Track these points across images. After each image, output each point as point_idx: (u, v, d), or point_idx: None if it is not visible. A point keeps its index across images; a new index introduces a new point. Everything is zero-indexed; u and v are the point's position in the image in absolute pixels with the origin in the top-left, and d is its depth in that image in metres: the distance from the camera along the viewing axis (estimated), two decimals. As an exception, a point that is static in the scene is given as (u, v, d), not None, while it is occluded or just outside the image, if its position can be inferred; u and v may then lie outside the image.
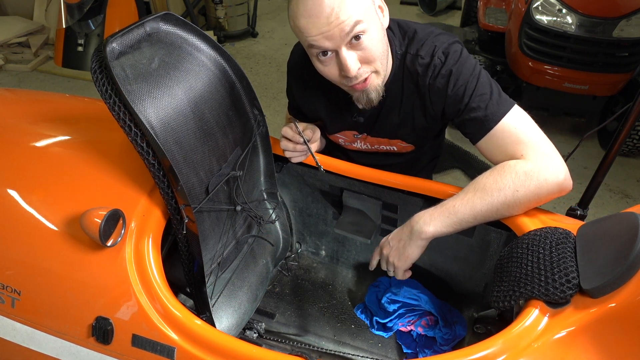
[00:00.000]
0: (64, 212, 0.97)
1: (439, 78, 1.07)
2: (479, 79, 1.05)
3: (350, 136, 1.32)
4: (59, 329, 0.96)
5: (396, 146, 1.29)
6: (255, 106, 1.18)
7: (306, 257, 1.59)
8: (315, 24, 0.94)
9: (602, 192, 2.64)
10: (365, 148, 1.34)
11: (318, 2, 0.92)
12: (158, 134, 0.86)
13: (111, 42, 0.84)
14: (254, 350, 0.86)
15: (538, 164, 0.96)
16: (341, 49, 0.97)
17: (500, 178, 0.97)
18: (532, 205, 1.00)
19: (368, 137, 1.29)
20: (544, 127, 1.06)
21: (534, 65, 2.75)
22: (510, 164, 0.98)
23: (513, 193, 0.96)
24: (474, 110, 1.04)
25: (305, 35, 0.97)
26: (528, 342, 0.81)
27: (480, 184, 0.99)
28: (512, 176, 0.96)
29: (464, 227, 1.01)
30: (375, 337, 1.35)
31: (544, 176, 0.95)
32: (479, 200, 0.98)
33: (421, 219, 1.03)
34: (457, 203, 1.00)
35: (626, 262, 0.76)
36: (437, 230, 1.01)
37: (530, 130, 1.01)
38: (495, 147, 1.03)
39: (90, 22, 3.84)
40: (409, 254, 1.05)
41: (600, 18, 2.55)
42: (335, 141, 1.38)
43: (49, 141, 1.15)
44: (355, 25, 0.95)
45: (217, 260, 1.11)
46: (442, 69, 1.06)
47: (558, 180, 0.96)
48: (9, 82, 3.84)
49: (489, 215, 0.99)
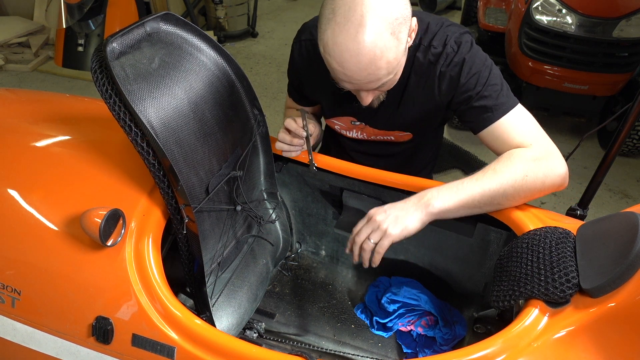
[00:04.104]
0: (64, 212, 0.97)
1: (452, 66, 1.06)
2: (491, 70, 1.07)
3: (347, 122, 1.30)
4: (59, 329, 0.97)
5: (394, 136, 1.29)
6: (256, 106, 1.18)
7: (306, 257, 1.59)
8: (347, 76, 0.93)
9: (602, 192, 2.64)
10: (362, 137, 1.33)
11: (355, 62, 0.89)
12: (158, 134, 0.86)
13: (111, 42, 0.85)
14: (254, 350, 0.86)
15: (545, 154, 0.99)
16: (360, 92, 1.00)
17: (510, 162, 0.98)
18: (535, 194, 1.00)
19: (366, 128, 1.28)
20: (544, 127, 1.07)
21: (534, 65, 2.76)
22: (519, 152, 1.00)
23: (523, 177, 0.97)
24: (484, 98, 1.04)
25: (334, 74, 0.97)
26: (528, 342, 0.81)
27: (490, 167, 1.00)
28: (522, 161, 0.98)
29: (470, 207, 1.00)
30: (375, 337, 1.35)
31: (551, 166, 0.98)
32: (488, 180, 0.98)
33: (429, 193, 1.00)
34: (465, 181, 1.00)
35: (626, 262, 0.76)
36: (444, 206, 0.98)
37: (535, 126, 1.04)
38: (501, 138, 1.04)
39: (91, 22, 3.84)
40: (408, 223, 0.98)
41: (600, 18, 2.55)
42: (331, 127, 1.36)
43: (49, 141, 1.15)
44: (384, 81, 0.95)
45: (217, 260, 1.11)
46: (454, 57, 1.06)
47: (562, 173, 0.99)
48: (9, 82, 3.84)
49: (495, 197, 0.98)
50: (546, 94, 2.87)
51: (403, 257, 1.42)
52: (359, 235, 1.02)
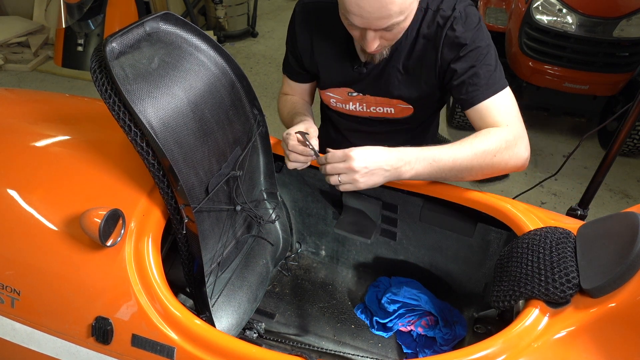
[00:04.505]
0: (64, 212, 0.97)
1: (459, 27, 1.08)
2: (489, 50, 1.10)
3: (344, 94, 1.28)
4: (58, 329, 0.96)
5: (394, 108, 1.27)
6: (255, 106, 1.18)
7: (306, 257, 1.59)
8: (359, 7, 0.95)
9: (602, 192, 2.64)
10: (360, 110, 1.30)
11: None
12: (158, 134, 0.86)
13: (111, 41, 0.84)
14: (254, 350, 0.86)
15: (516, 138, 1.06)
16: (368, 31, 1.00)
17: (486, 141, 1.04)
18: (495, 171, 1.07)
19: (366, 97, 1.26)
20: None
21: (534, 65, 2.75)
22: (495, 132, 1.05)
23: (492, 157, 1.04)
24: (477, 76, 1.08)
25: (345, 7, 0.98)
26: (528, 342, 0.81)
27: (467, 142, 1.05)
28: (496, 142, 1.04)
29: (436, 178, 1.06)
30: (375, 337, 1.35)
31: (517, 150, 1.05)
32: (462, 155, 1.03)
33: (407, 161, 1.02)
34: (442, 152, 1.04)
35: (626, 262, 0.76)
36: (415, 176, 1.04)
37: (515, 109, 1.11)
38: (485, 117, 1.09)
39: (90, 22, 3.84)
40: (377, 181, 1.01)
41: (601, 18, 2.55)
42: (326, 101, 1.34)
43: (49, 141, 1.14)
44: (394, 21, 0.97)
45: (217, 260, 1.11)
46: (464, 22, 1.09)
47: (525, 157, 1.08)
48: (8, 82, 3.84)
49: (462, 171, 1.04)
50: (546, 94, 2.86)
51: (403, 257, 1.42)
52: (332, 169, 1.02)
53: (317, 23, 1.22)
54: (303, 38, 1.25)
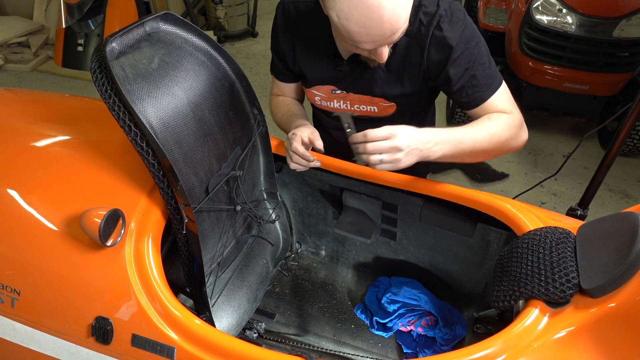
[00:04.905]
0: (64, 212, 0.97)
1: (446, 25, 1.07)
2: (479, 47, 1.10)
3: (327, 92, 1.27)
4: (58, 329, 0.96)
5: (377, 106, 1.26)
6: (255, 106, 1.18)
7: (306, 257, 1.59)
8: (369, 34, 0.94)
9: (602, 192, 2.64)
10: (344, 109, 1.29)
11: (377, 16, 0.90)
12: (158, 134, 0.86)
13: (111, 41, 0.84)
14: (254, 350, 0.86)
15: (520, 123, 1.13)
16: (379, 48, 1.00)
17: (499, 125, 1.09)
18: (501, 154, 1.15)
19: (350, 95, 1.25)
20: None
21: (534, 65, 2.75)
22: (505, 118, 1.10)
23: (503, 141, 1.09)
24: (475, 78, 1.09)
25: (353, 39, 0.96)
26: (528, 342, 0.81)
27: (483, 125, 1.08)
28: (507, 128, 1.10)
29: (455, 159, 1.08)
30: (375, 337, 1.35)
31: (521, 134, 1.14)
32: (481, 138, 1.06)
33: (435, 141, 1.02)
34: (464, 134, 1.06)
35: (626, 262, 0.76)
36: (439, 159, 1.05)
37: (512, 99, 1.15)
38: (490, 112, 1.12)
39: (90, 22, 3.84)
40: (411, 162, 1.01)
41: (601, 18, 2.55)
42: (311, 100, 1.33)
43: (49, 141, 1.14)
44: (402, 29, 0.97)
45: (216, 260, 1.11)
46: (450, 20, 1.07)
47: (525, 140, 1.16)
48: (9, 82, 3.84)
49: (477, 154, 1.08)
50: (546, 94, 2.86)
51: (403, 257, 1.42)
52: (374, 148, 0.99)
53: (297, 24, 1.21)
54: (285, 39, 1.25)
